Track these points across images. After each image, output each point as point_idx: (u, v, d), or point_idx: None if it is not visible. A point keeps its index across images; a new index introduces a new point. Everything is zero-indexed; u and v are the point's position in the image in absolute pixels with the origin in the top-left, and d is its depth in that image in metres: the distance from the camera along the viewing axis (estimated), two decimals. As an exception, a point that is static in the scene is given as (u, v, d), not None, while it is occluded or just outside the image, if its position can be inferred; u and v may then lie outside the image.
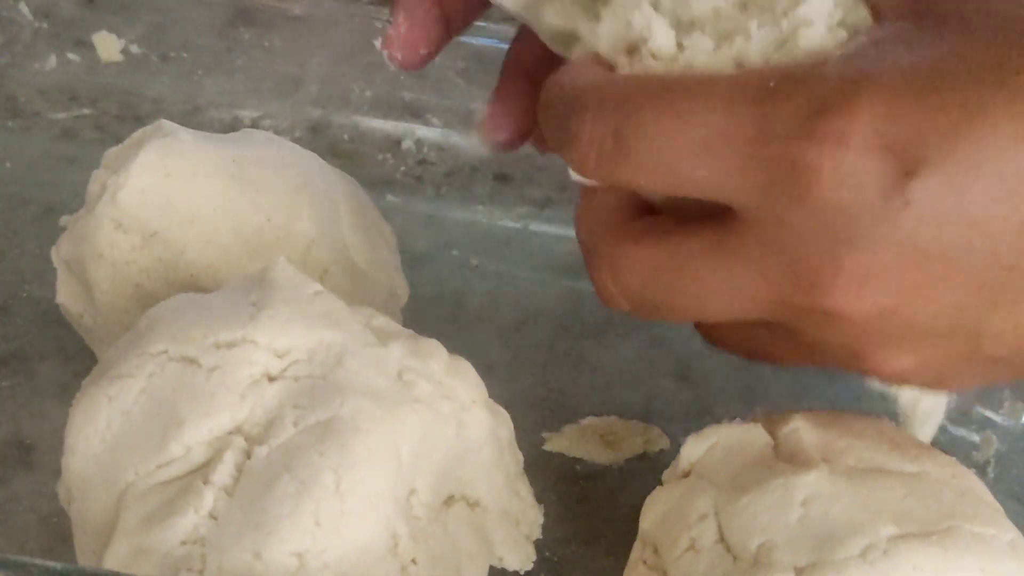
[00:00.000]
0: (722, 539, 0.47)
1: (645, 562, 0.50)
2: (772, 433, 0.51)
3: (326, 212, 0.59)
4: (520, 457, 0.53)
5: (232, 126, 0.78)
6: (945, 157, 0.36)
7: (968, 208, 0.37)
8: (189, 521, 0.43)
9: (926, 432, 0.55)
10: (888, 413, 0.64)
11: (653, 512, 0.51)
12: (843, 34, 0.40)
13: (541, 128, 0.45)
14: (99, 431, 0.46)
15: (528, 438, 0.58)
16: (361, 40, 0.79)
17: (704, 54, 0.41)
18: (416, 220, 0.68)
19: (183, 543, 0.43)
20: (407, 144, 0.80)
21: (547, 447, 0.61)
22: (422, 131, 0.81)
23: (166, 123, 0.60)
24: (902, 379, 0.44)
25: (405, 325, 0.54)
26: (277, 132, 0.72)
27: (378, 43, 0.53)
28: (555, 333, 0.68)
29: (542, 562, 0.52)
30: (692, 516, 0.48)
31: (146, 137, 0.58)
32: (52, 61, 0.79)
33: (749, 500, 0.47)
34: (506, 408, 0.53)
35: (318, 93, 0.81)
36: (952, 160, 0.36)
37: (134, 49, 0.78)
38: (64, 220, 0.63)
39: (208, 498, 0.44)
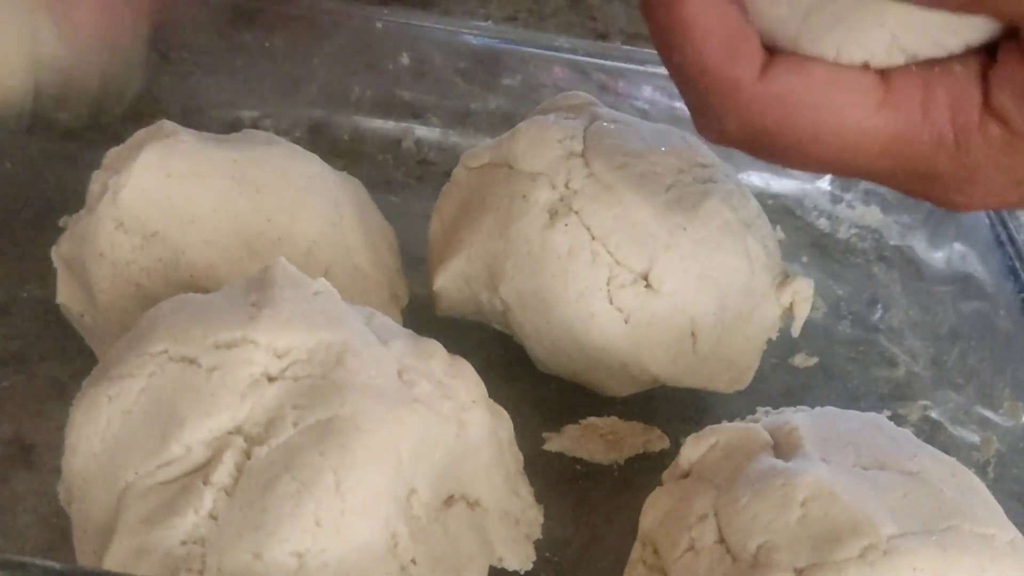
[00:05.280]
0: (722, 539, 0.47)
1: (645, 562, 0.50)
2: (772, 433, 0.51)
3: (327, 213, 0.59)
4: (520, 457, 0.53)
5: (232, 126, 0.78)
6: None
7: None
8: (189, 521, 0.43)
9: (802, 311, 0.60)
10: (888, 413, 0.64)
11: (653, 512, 0.51)
12: None
13: None
14: (99, 431, 0.46)
15: (528, 438, 0.58)
16: (361, 40, 0.80)
17: None
18: (416, 220, 0.68)
19: (183, 543, 0.43)
20: (407, 144, 0.80)
21: (547, 447, 0.61)
22: (422, 131, 0.81)
23: (167, 123, 0.60)
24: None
25: (405, 325, 0.54)
26: (277, 132, 0.72)
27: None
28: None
29: (542, 562, 0.52)
30: (692, 516, 0.48)
31: (147, 137, 0.58)
32: (52, 61, 0.79)
33: (749, 500, 0.47)
34: (506, 408, 0.53)
35: (318, 93, 0.81)
36: None
37: (134, 49, 0.78)
38: (64, 220, 0.63)
39: (208, 498, 0.44)
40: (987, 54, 0.39)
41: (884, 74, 0.39)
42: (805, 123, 0.39)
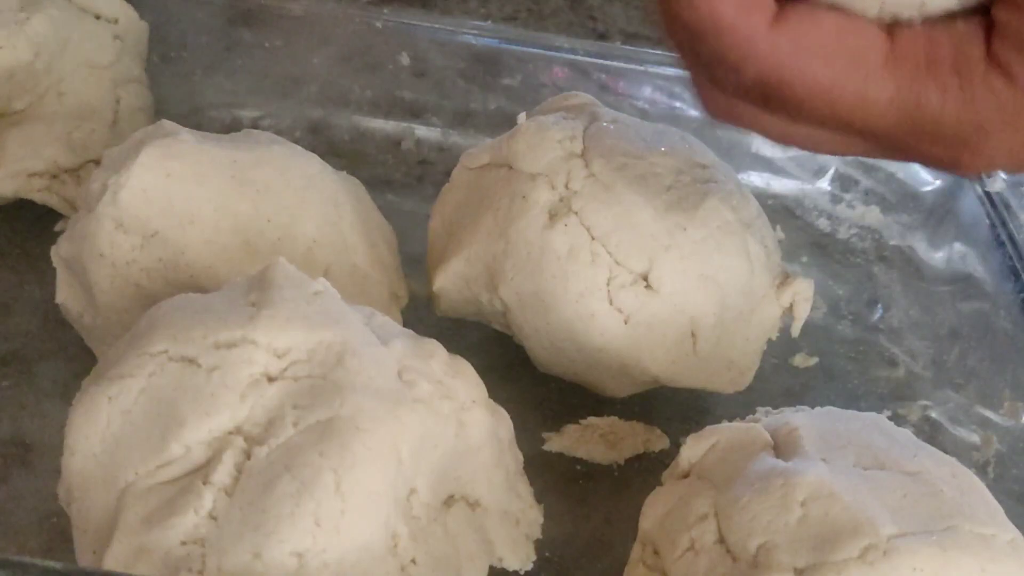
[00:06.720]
0: (722, 540, 0.47)
1: (645, 562, 0.50)
2: (772, 433, 0.51)
3: (327, 213, 0.59)
4: (520, 457, 0.53)
5: (232, 126, 0.78)
6: None
7: None
8: (189, 521, 0.43)
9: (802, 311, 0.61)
10: (888, 413, 0.64)
11: (653, 512, 0.51)
12: None
13: None
14: (99, 431, 0.46)
15: (528, 438, 0.58)
16: (361, 40, 0.80)
17: None
18: (416, 220, 0.68)
19: (183, 543, 0.43)
20: (407, 144, 0.80)
21: (547, 447, 0.61)
22: (422, 131, 0.81)
23: (167, 123, 0.60)
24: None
25: (405, 325, 0.54)
26: (277, 132, 0.72)
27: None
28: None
29: (542, 562, 0.52)
30: (692, 516, 0.48)
31: (147, 137, 0.58)
32: (52, 61, 0.78)
33: (749, 500, 0.47)
34: (506, 408, 0.53)
35: (318, 93, 0.81)
36: None
37: (134, 49, 0.78)
38: (62, 223, 0.63)
39: (208, 498, 0.44)
40: (987, 11, 0.40)
41: (889, 31, 0.40)
42: (818, 72, 0.40)
